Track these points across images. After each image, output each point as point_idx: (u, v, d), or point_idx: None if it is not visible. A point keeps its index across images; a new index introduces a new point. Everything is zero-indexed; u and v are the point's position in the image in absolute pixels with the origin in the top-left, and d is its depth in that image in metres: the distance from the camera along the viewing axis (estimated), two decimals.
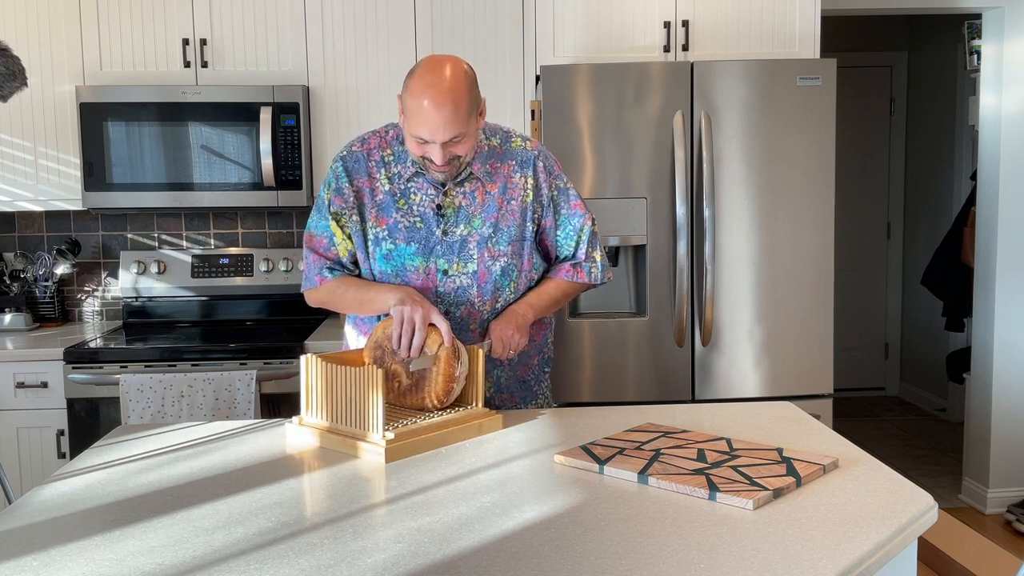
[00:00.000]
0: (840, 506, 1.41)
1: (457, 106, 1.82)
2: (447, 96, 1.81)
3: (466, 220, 2.01)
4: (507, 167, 2.04)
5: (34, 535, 1.35)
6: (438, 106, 1.81)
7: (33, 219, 3.63)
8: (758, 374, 2.94)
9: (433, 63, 1.85)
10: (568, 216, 2.10)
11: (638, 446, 1.70)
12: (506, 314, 2.02)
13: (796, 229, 2.92)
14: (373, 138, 2.06)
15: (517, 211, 2.04)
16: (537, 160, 2.07)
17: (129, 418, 2.91)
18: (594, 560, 1.21)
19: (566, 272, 2.12)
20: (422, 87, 1.82)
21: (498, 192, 2.03)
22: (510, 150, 2.06)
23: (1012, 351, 3.91)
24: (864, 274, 6.12)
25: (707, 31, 3.11)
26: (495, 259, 2.02)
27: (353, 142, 2.07)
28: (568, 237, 2.11)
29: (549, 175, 2.08)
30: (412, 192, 2.01)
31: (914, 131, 5.96)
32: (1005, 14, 3.78)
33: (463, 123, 1.85)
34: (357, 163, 2.03)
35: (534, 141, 2.11)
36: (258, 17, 3.31)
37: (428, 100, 1.81)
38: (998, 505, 3.98)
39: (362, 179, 2.02)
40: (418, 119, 1.84)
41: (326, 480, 1.58)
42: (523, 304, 2.05)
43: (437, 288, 2.01)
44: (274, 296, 3.60)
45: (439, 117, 1.82)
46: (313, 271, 2.05)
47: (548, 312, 2.13)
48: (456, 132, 1.85)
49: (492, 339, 1.97)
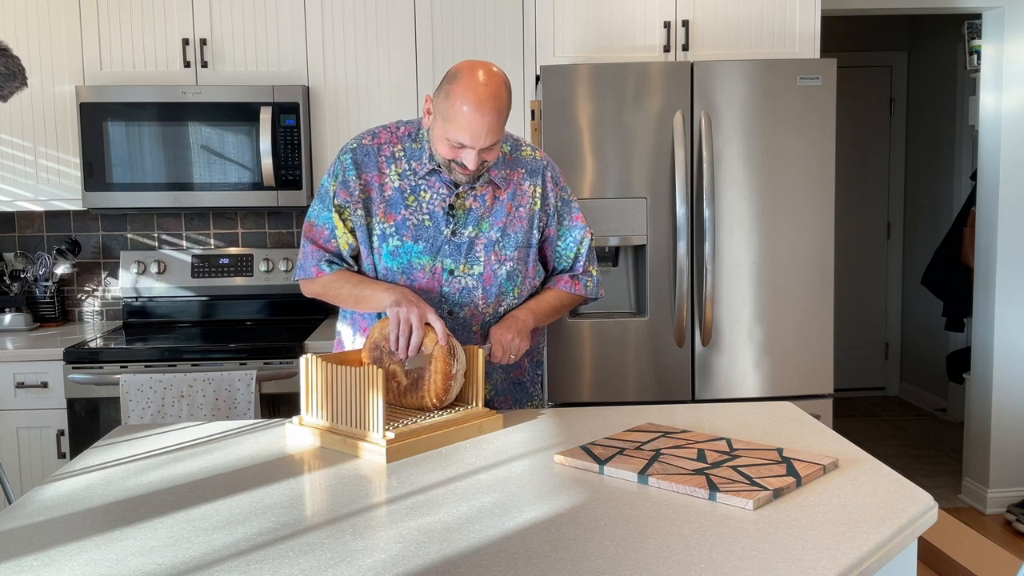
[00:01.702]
0: (840, 506, 1.41)
1: (500, 113, 1.85)
2: (492, 104, 1.83)
3: (475, 223, 2.02)
4: (517, 174, 2.07)
5: (34, 535, 1.35)
6: (483, 113, 1.82)
7: (33, 219, 3.63)
8: (758, 374, 2.94)
9: (477, 69, 1.86)
10: (570, 228, 2.13)
11: (638, 446, 1.70)
12: (507, 319, 2.02)
13: (796, 229, 2.92)
14: (384, 132, 2.05)
15: (525, 218, 2.06)
16: (546, 170, 2.11)
17: (129, 418, 2.91)
18: (594, 560, 1.21)
19: (565, 283, 2.14)
20: (467, 92, 1.83)
21: (508, 198, 2.05)
22: (520, 158, 2.09)
23: (1012, 351, 3.91)
24: (864, 274, 6.12)
25: (707, 31, 3.11)
26: (501, 263, 2.03)
27: (363, 135, 2.06)
28: (568, 248, 2.14)
29: (556, 186, 2.12)
30: (423, 190, 2.01)
31: (914, 131, 5.96)
32: (1005, 14, 3.78)
33: (502, 130, 1.89)
34: (367, 156, 2.02)
35: (541, 151, 2.15)
36: (258, 17, 3.31)
37: (472, 106, 1.82)
38: (998, 505, 3.98)
39: (371, 173, 2.02)
40: (458, 123, 1.84)
41: (326, 480, 1.58)
42: (524, 310, 2.05)
43: (442, 288, 2.01)
44: (274, 296, 3.60)
45: (483, 124, 1.83)
46: (310, 262, 2.04)
47: (547, 321, 2.15)
48: (495, 139, 1.88)
49: (492, 343, 1.97)
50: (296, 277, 2.10)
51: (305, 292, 2.10)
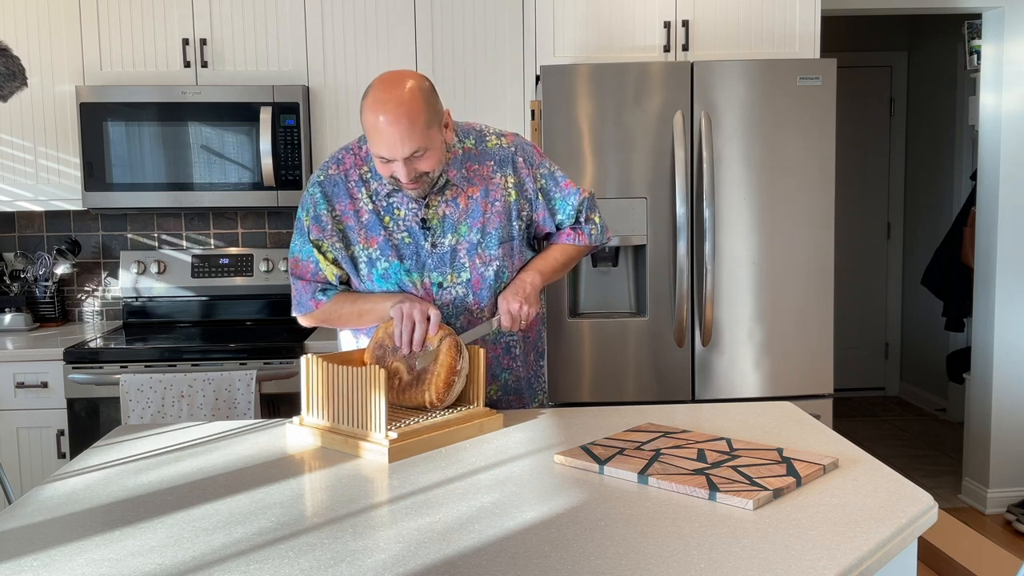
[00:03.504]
0: (840, 506, 1.41)
1: (413, 120, 1.78)
2: (400, 110, 1.77)
3: (452, 229, 1.98)
4: (486, 168, 2.01)
5: (34, 535, 1.35)
6: (392, 122, 1.77)
7: (33, 219, 3.63)
8: (758, 374, 2.94)
9: (385, 80, 1.82)
10: (563, 198, 2.07)
11: (638, 446, 1.70)
12: (515, 284, 1.99)
13: (796, 229, 2.92)
14: (348, 156, 2.01)
15: (502, 212, 2.01)
16: (516, 156, 2.03)
17: (129, 418, 2.91)
18: (594, 560, 1.21)
19: (567, 236, 2.10)
20: (375, 104, 1.79)
21: (480, 196, 1.99)
22: (486, 150, 2.02)
23: (1012, 351, 3.91)
24: (864, 274, 6.12)
25: (707, 31, 3.11)
26: (487, 264, 2.00)
27: (328, 164, 2.02)
28: (569, 217, 2.09)
29: (531, 167, 2.04)
30: (395, 207, 1.97)
31: (914, 131, 5.96)
32: (1005, 14, 3.78)
33: (421, 136, 1.80)
34: (336, 187, 1.99)
35: (509, 135, 2.06)
36: (258, 17, 3.31)
37: (383, 117, 1.77)
38: (998, 505, 3.98)
39: (343, 203, 1.98)
40: (375, 137, 1.80)
41: (326, 480, 1.58)
42: (531, 272, 2.02)
43: (434, 302, 1.99)
44: (274, 296, 3.60)
45: (395, 132, 1.78)
46: (306, 296, 2.02)
47: (555, 277, 2.11)
48: (416, 146, 1.80)
49: (500, 312, 1.95)
50: (294, 313, 2.07)
51: (305, 323, 2.08)
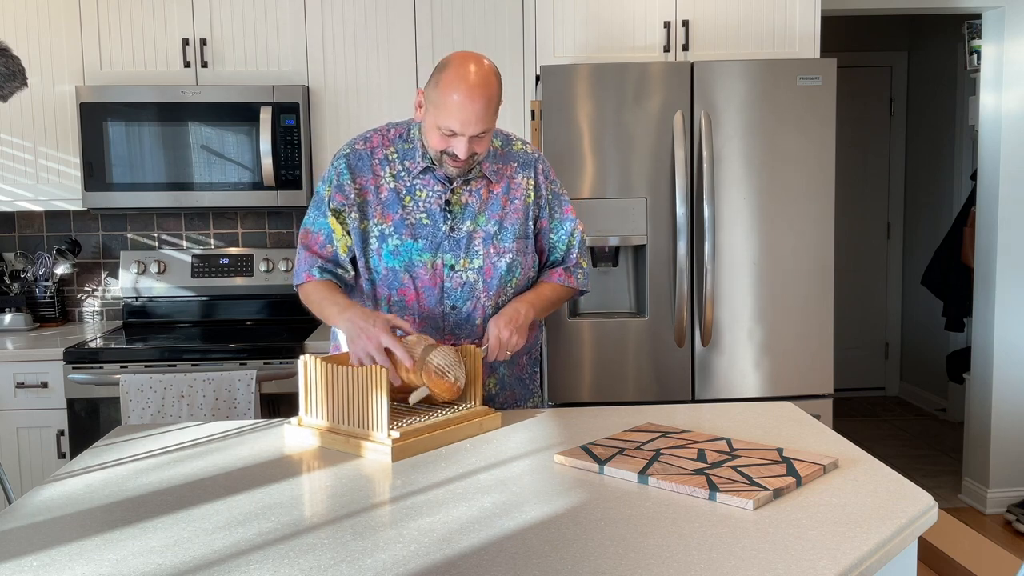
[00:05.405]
0: (840, 506, 1.41)
1: (489, 100, 1.89)
2: (482, 90, 1.87)
3: (472, 217, 2.05)
4: (510, 168, 2.11)
5: (34, 535, 1.35)
6: (473, 99, 1.87)
7: (33, 219, 3.63)
8: (758, 374, 2.94)
9: (467, 58, 1.91)
10: (561, 220, 2.17)
11: (638, 446, 1.70)
12: (506, 312, 2.02)
13: (796, 229, 2.92)
14: (375, 136, 2.09)
15: (520, 210, 2.10)
16: (537, 163, 2.15)
17: (129, 418, 2.91)
18: (594, 560, 1.21)
19: (559, 276, 2.17)
20: (457, 79, 1.87)
21: (502, 192, 2.09)
22: (512, 152, 2.13)
23: (1012, 351, 3.91)
24: (864, 274, 6.11)
25: (707, 31, 3.11)
26: (501, 255, 2.06)
27: (356, 140, 2.10)
28: (560, 240, 2.18)
29: (547, 179, 2.16)
30: (418, 188, 2.04)
31: (914, 131, 5.96)
32: (1005, 14, 3.78)
33: (492, 118, 1.92)
34: (361, 160, 2.06)
35: (531, 145, 2.20)
36: (258, 17, 3.31)
37: (463, 93, 1.86)
38: (998, 505, 3.98)
39: (366, 177, 2.05)
40: (449, 110, 1.88)
41: (326, 480, 1.58)
42: (524, 304, 2.06)
43: (443, 283, 2.04)
44: (274, 296, 3.60)
45: (472, 110, 1.87)
46: (303, 267, 2.06)
47: (545, 314, 2.18)
48: (485, 127, 1.91)
49: (489, 339, 1.98)
50: (293, 283, 2.12)
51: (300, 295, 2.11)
